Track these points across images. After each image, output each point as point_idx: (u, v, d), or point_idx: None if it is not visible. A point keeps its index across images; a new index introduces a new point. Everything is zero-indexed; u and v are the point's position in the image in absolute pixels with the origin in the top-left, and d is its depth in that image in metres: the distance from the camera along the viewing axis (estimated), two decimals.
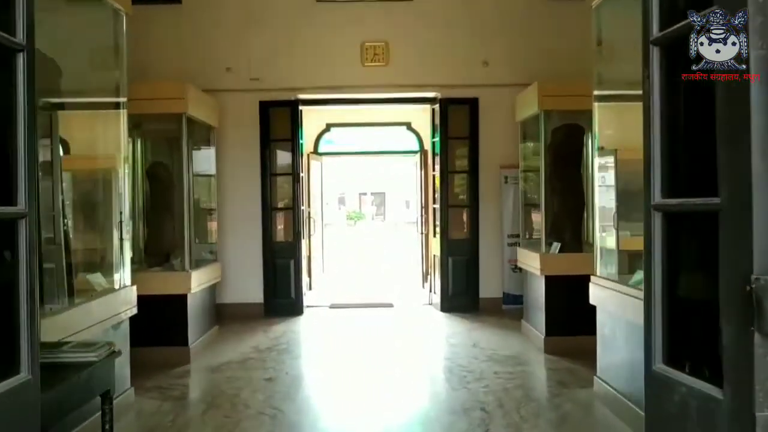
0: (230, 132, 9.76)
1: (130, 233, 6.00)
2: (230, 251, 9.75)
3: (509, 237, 9.80)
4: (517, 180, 9.72)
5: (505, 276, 9.83)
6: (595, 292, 5.68)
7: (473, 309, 9.69)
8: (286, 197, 9.84)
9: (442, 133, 9.72)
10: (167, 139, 8.25)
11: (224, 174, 9.69)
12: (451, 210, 9.83)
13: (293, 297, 9.73)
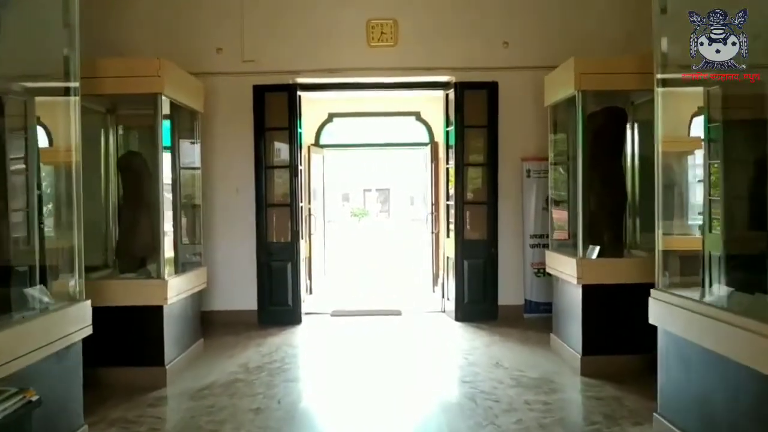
0: (220, 119, 8.61)
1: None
2: (220, 253, 8.61)
3: (532, 238, 8.62)
4: (540, 173, 8.55)
5: (528, 281, 8.66)
6: (658, 309, 4.51)
7: (491, 318, 8.52)
8: (283, 193, 8.66)
9: (457, 121, 8.53)
10: (149, 127, 7.09)
11: (213, 166, 8.54)
12: (467, 207, 8.65)
13: (290, 304, 8.57)
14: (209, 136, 8.52)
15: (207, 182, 8.47)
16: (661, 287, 4.59)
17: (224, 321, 8.51)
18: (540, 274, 8.59)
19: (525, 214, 8.62)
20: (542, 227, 8.57)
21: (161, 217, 6.11)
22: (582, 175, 6.21)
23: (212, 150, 8.56)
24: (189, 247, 7.28)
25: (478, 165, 8.69)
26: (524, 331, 7.98)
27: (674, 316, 4.27)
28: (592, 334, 6.15)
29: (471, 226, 8.71)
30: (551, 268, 7.03)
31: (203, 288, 7.27)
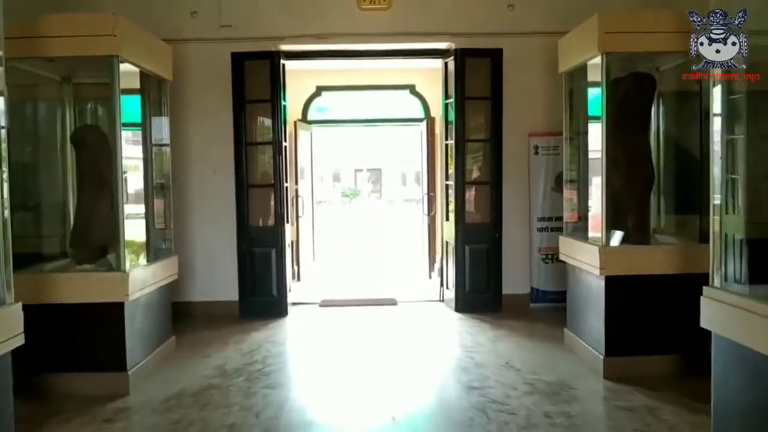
0: (195, 91, 7.68)
1: None
2: (196, 239, 7.73)
3: (540, 221, 7.77)
4: (550, 150, 7.68)
5: (534, 268, 7.82)
6: (714, 311, 3.65)
7: (495, 308, 7.68)
8: (266, 172, 7.73)
9: (457, 92, 7.61)
10: None
11: (187, 143, 7.64)
12: (468, 188, 7.77)
13: (275, 294, 7.69)
14: (183, 110, 7.59)
15: (181, 161, 7.57)
16: (717, 284, 3.71)
17: (202, 313, 7.65)
18: (548, 260, 7.76)
19: (532, 195, 7.75)
20: (551, 209, 7.71)
21: (119, 199, 5.18)
22: (605, 150, 5.32)
23: (186, 125, 7.64)
24: (157, 233, 6.34)
25: (481, 141, 7.80)
26: (532, 323, 7.15)
27: (739, 322, 3.42)
28: (617, 331, 5.32)
29: (472, 208, 7.84)
30: (566, 255, 6.17)
31: (174, 279, 6.35)
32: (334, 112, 11.37)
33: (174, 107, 7.45)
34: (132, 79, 5.70)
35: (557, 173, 7.70)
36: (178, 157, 7.55)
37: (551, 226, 7.73)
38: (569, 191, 6.45)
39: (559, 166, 7.64)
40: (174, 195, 7.36)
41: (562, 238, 6.31)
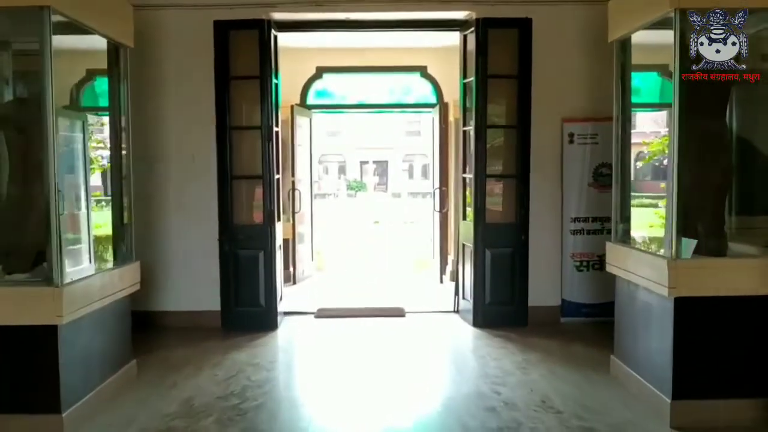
0: (171, 65, 6.48)
1: None
2: (172, 238, 6.54)
3: (574, 221, 6.53)
4: (587, 138, 6.43)
5: (566, 277, 6.59)
6: None
7: (520, 323, 6.47)
8: (253, 162, 6.49)
9: (479, 70, 6.36)
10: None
11: (161, 125, 6.44)
12: (490, 182, 6.52)
13: (263, 304, 6.48)
14: (156, 87, 6.42)
15: (154, 147, 6.41)
16: None
17: (178, 326, 6.47)
18: (583, 267, 6.53)
19: (566, 191, 6.51)
20: (588, 208, 6.49)
21: (51, 191, 3.96)
22: (677, 138, 4.07)
23: (160, 105, 6.44)
24: (117, 233, 5.12)
25: (505, 127, 6.56)
26: (566, 344, 5.93)
27: None
28: (689, 368, 4.10)
29: (495, 205, 6.60)
30: (616, 266, 4.93)
31: (135, 289, 5.13)
32: (336, 96, 10.11)
33: (146, 85, 6.32)
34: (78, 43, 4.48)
35: (596, 165, 6.47)
36: (150, 143, 6.41)
37: (587, 228, 6.49)
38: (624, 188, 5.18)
39: (598, 156, 6.45)
40: (146, 187, 6.26)
41: (611, 245, 5.06)
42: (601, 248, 6.41)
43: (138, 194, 6.31)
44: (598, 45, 6.25)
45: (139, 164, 6.30)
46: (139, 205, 6.32)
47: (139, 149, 6.33)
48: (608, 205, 6.29)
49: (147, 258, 6.33)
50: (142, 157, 6.35)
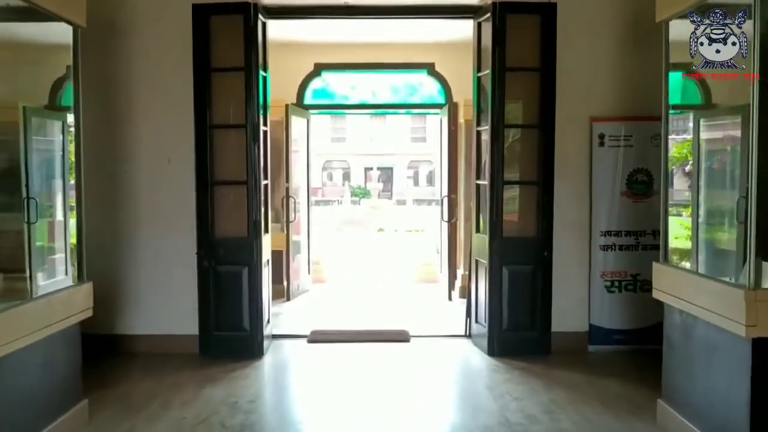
0: (144, 55, 5.63)
1: None
2: (143, 251, 5.69)
3: (605, 235, 5.62)
4: (620, 140, 5.53)
5: (596, 299, 5.69)
6: None
7: (542, 351, 5.57)
8: (237, 165, 5.60)
9: (496, 62, 5.47)
10: None
11: (131, 123, 5.60)
12: (508, 189, 5.62)
13: (246, 328, 5.59)
14: (126, 80, 5.57)
15: (122, 148, 5.56)
16: None
17: (149, 352, 5.59)
18: (614, 288, 5.62)
19: (595, 200, 5.62)
20: (620, 220, 5.59)
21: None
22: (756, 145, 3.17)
23: (130, 100, 5.60)
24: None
25: (526, 127, 5.67)
26: (598, 379, 5.03)
27: None
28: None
29: (513, 216, 5.70)
30: (666, 292, 4.02)
31: (86, 316, 4.24)
32: (336, 96, 9.25)
33: (115, 77, 5.48)
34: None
35: (630, 171, 5.57)
36: (119, 144, 5.57)
37: (620, 243, 5.59)
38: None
39: (632, 161, 5.56)
40: (113, 193, 5.44)
41: (660, 267, 4.14)
42: (636, 266, 5.58)
43: (104, 202, 5.54)
44: (632, 32, 5.46)
45: (105, 168, 5.52)
46: (105, 215, 5.54)
47: (106, 151, 5.57)
48: (644, 217, 5.51)
49: (114, 274, 5.55)
50: (109, 159, 5.56)
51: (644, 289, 5.59)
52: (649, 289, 5.51)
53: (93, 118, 5.48)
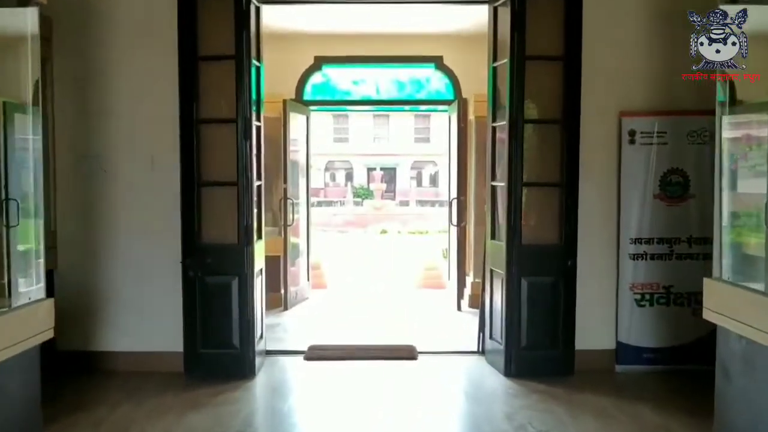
0: (122, 41, 5.06)
1: None
2: (122, 259, 5.09)
3: (635, 243, 5.01)
4: (654, 137, 4.93)
5: (624, 313, 5.08)
6: None
7: (564, 371, 4.97)
8: (227, 165, 4.99)
9: (515, 49, 4.86)
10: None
11: (109, 117, 5.01)
12: (527, 191, 5.00)
13: (236, 345, 4.98)
14: (103, 70, 5.00)
15: (99, 146, 4.99)
16: None
17: (129, 370, 5.00)
18: (645, 302, 5.01)
19: (624, 204, 5.00)
20: (653, 226, 4.98)
21: None
22: None
23: (108, 92, 5.01)
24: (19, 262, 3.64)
25: (547, 123, 5.05)
26: (629, 404, 4.43)
27: None
28: None
29: (533, 221, 5.08)
30: (721, 314, 3.41)
31: (46, 338, 3.64)
32: (337, 91, 8.65)
33: (90, 67, 4.93)
34: None
35: (664, 172, 4.96)
36: (95, 141, 5.00)
37: (651, 251, 4.98)
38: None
39: (666, 160, 4.95)
40: (88, 196, 4.90)
41: (712, 283, 3.53)
42: (669, 277, 4.98)
43: (80, 205, 4.98)
44: (667, 18, 4.82)
45: (82, 167, 4.95)
46: (81, 219, 4.97)
47: (82, 149, 4.98)
48: (679, 222, 4.90)
49: (90, 284, 4.99)
50: (84, 157, 4.98)
51: (678, 302, 5.00)
52: (684, 303, 5.01)
53: (67, 112, 4.97)
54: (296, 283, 7.81)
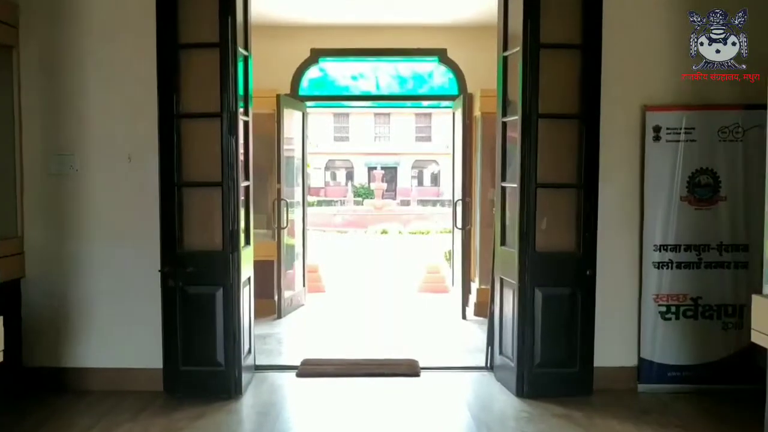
0: (95, 29, 4.54)
1: None
2: (95, 267, 4.60)
3: (659, 250, 4.51)
4: (681, 133, 4.43)
5: (647, 327, 4.58)
6: None
7: (582, 391, 4.49)
8: (213, 163, 4.49)
9: (528, 37, 4.36)
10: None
11: (80, 110, 4.52)
12: (542, 194, 4.49)
13: (221, 361, 4.48)
14: (73, 58, 4.50)
15: (68, 142, 4.50)
16: None
17: (103, 389, 4.54)
18: (670, 314, 4.51)
19: (647, 207, 4.50)
20: (679, 231, 4.49)
21: None
22: None
23: (78, 83, 4.52)
24: None
25: (563, 117, 4.54)
26: (659, 429, 3.92)
27: None
28: None
29: (548, 226, 4.57)
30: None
31: None
32: (336, 87, 8.15)
33: (58, 55, 4.46)
34: None
35: (692, 172, 4.46)
36: (64, 137, 4.52)
37: (678, 259, 4.48)
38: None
39: (695, 159, 4.47)
40: (57, 198, 4.45)
41: (762, 301, 3.01)
42: (698, 288, 4.50)
43: (48, 207, 4.51)
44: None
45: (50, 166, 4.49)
46: (49, 223, 4.50)
47: (51, 145, 4.51)
48: (708, 228, 4.42)
49: (60, 295, 4.52)
50: (55, 155, 4.50)
51: (707, 315, 4.51)
52: (714, 316, 4.52)
53: (34, 105, 4.50)
54: (292, 288, 7.33)
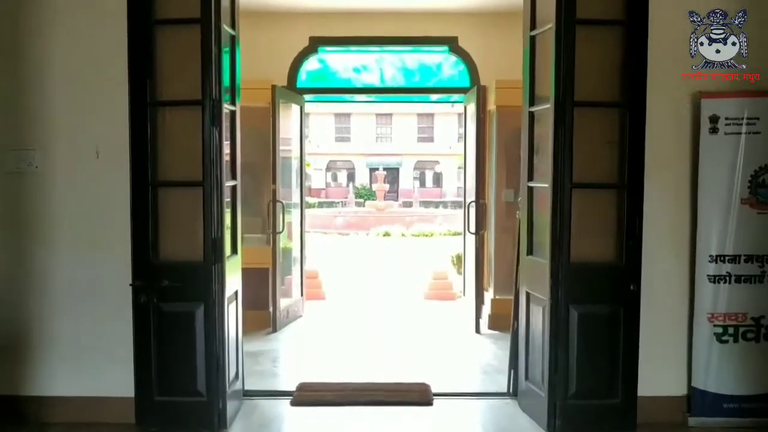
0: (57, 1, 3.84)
1: None
2: (57, 281, 3.91)
3: (715, 261, 3.81)
4: (741, 124, 3.76)
5: (700, 351, 3.88)
6: None
7: (624, 425, 3.81)
8: (193, 159, 3.79)
9: (561, 11, 3.67)
10: None
11: (40, 98, 3.83)
12: (577, 195, 3.79)
13: (202, 390, 3.79)
14: (33, 37, 3.81)
15: (27, 136, 3.81)
16: None
17: (68, 420, 3.88)
18: (728, 336, 3.82)
19: (702, 210, 3.80)
20: (740, 240, 3.79)
21: None
22: None
23: (40, 65, 3.82)
24: None
25: (604, 105, 3.85)
26: None
27: None
28: None
29: (583, 232, 3.87)
30: None
31: None
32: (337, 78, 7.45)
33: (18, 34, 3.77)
34: None
35: (756, 170, 3.76)
36: (23, 130, 3.83)
37: (738, 272, 3.78)
38: None
39: (759, 154, 3.75)
40: (14, 201, 3.74)
41: None
42: (760, 306, 3.80)
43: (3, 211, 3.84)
44: None
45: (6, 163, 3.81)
46: (5, 230, 3.84)
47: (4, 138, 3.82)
48: None
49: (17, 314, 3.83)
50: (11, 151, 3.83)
51: None
52: None
53: None
54: (288, 297, 6.65)
